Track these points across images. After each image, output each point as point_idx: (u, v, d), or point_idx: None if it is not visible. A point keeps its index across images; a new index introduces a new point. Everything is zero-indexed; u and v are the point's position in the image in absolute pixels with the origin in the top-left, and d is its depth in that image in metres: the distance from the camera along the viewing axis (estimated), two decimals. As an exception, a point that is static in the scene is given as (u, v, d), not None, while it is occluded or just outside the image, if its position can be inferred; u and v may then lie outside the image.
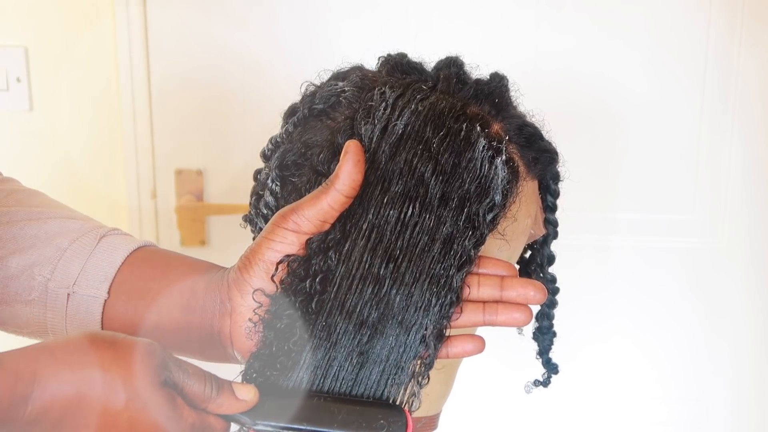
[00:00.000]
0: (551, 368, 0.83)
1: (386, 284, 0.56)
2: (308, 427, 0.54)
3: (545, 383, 0.83)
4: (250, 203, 0.72)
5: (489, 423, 1.59)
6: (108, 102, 1.51)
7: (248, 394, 0.54)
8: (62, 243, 0.63)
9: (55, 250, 0.63)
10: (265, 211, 0.68)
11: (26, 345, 0.49)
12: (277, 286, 0.58)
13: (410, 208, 0.57)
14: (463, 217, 0.57)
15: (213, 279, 0.61)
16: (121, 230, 0.66)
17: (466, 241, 0.57)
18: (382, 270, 0.56)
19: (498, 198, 0.59)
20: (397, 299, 0.56)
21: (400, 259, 0.56)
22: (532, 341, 0.85)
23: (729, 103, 1.47)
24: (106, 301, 0.62)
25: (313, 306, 0.56)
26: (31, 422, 0.47)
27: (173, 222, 1.53)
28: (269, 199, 0.67)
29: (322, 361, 0.56)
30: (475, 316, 0.59)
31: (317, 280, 0.56)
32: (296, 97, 0.71)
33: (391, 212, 0.57)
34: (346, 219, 0.57)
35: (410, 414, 0.56)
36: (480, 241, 0.59)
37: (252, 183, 0.74)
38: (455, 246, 0.57)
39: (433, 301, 0.56)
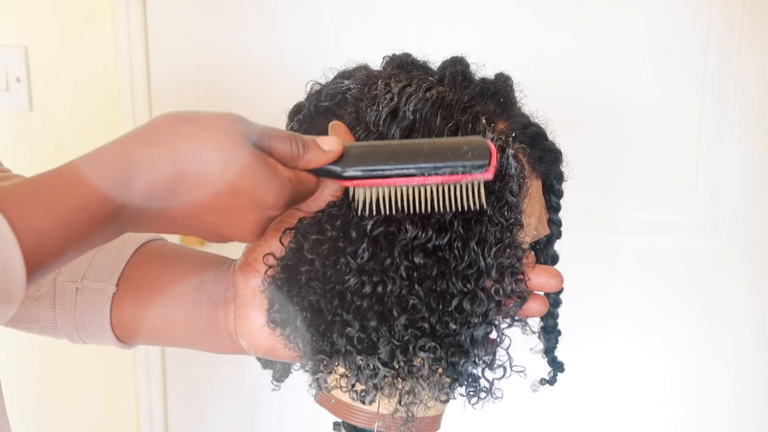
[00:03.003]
0: (557, 366, 0.82)
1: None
2: (396, 165, 0.55)
3: (551, 381, 0.83)
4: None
5: (491, 423, 1.59)
6: (108, 102, 1.51)
7: (333, 144, 0.55)
8: None
9: None
10: None
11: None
12: (284, 246, 0.58)
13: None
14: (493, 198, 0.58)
15: (221, 269, 0.61)
16: None
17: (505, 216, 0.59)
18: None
19: (515, 187, 0.59)
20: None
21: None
22: (533, 339, 0.85)
23: (729, 103, 1.47)
24: (114, 294, 0.62)
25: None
26: (141, 205, 0.48)
27: (173, 222, 1.52)
28: None
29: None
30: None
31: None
32: (296, 97, 0.71)
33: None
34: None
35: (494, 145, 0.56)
36: (518, 222, 0.60)
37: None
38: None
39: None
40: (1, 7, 1.47)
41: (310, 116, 0.66)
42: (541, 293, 0.63)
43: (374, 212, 0.56)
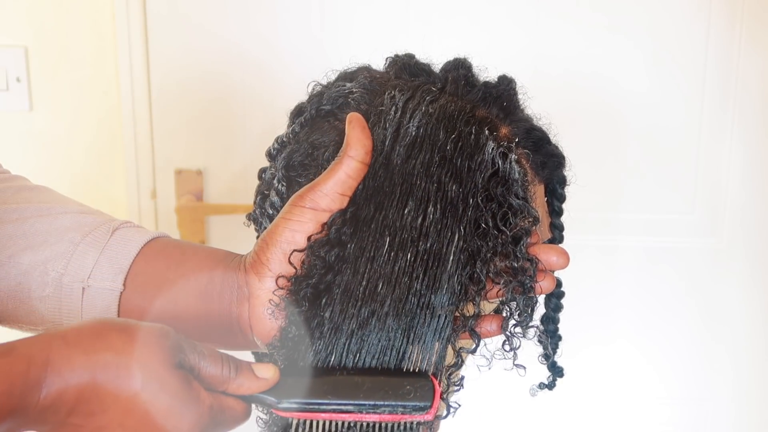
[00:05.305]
0: (557, 371, 0.82)
1: (411, 277, 0.56)
2: (333, 401, 0.54)
3: (550, 386, 0.83)
4: (255, 202, 0.71)
5: (492, 424, 1.59)
6: (108, 102, 1.51)
7: (268, 372, 0.53)
8: (75, 237, 0.62)
9: (67, 244, 0.62)
10: (270, 212, 0.68)
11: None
12: (295, 268, 0.57)
13: (430, 208, 0.57)
14: (487, 198, 0.58)
15: (230, 266, 0.61)
16: (133, 223, 0.66)
17: (515, 217, 0.58)
18: (402, 262, 0.56)
19: (521, 192, 0.59)
20: (422, 288, 0.56)
21: (419, 244, 0.56)
22: (532, 341, 0.84)
23: (729, 103, 1.47)
24: (122, 293, 0.61)
25: (336, 286, 0.56)
26: (46, 409, 0.46)
27: (173, 222, 1.52)
28: (275, 199, 0.67)
29: (345, 339, 0.56)
30: (495, 288, 0.59)
31: (336, 263, 0.56)
32: (296, 97, 0.71)
33: (410, 214, 0.57)
34: (362, 223, 0.57)
35: (437, 381, 0.55)
36: (536, 219, 0.59)
37: (254, 182, 0.73)
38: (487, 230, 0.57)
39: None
40: (1, 7, 1.47)
41: (312, 119, 0.66)
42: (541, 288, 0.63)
43: None
